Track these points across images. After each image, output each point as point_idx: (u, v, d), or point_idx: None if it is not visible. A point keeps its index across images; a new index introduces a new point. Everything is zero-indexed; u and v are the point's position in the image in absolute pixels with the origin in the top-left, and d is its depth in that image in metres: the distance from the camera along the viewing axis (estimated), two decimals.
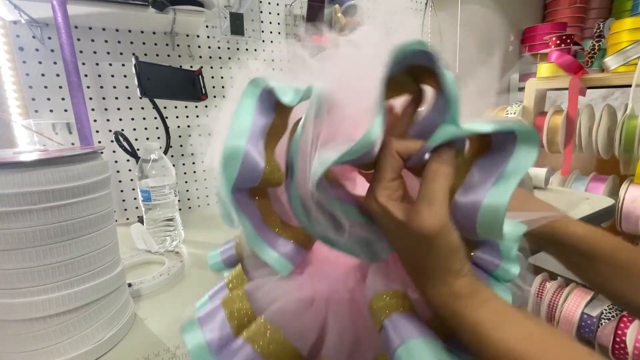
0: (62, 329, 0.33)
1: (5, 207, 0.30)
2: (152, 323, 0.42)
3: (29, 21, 0.65)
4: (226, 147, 0.23)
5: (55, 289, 0.33)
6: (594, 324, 1.16)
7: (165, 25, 0.76)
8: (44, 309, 0.32)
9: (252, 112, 0.25)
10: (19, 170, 0.30)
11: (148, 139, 0.83)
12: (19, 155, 0.34)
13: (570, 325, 1.20)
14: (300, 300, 0.27)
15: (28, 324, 0.32)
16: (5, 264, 0.31)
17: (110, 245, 0.38)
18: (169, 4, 0.67)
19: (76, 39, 0.71)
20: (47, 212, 0.31)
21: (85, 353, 0.35)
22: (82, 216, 0.34)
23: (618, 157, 1.07)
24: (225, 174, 0.24)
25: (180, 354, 0.36)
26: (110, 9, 0.63)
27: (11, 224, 0.30)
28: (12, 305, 0.32)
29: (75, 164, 0.33)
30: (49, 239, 0.32)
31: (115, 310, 0.38)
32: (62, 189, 0.32)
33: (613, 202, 0.84)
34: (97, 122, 0.76)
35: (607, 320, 1.15)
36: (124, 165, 0.80)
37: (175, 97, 0.79)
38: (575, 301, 1.21)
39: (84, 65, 0.73)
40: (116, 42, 0.76)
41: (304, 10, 0.96)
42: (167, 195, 0.63)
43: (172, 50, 0.82)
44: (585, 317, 1.18)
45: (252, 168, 0.24)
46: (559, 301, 1.25)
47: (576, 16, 1.55)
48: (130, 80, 0.79)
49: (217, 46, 0.88)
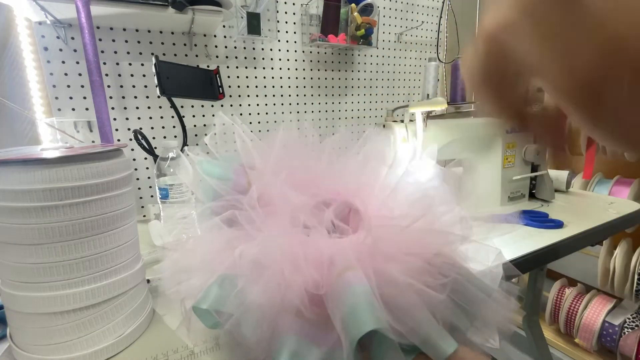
0: (85, 323, 0.34)
1: (32, 203, 0.31)
2: (170, 319, 0.42)
3: (53, 22, 0.67)
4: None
5: (79, 284, 0.33)
6: (616, 333, 1.11)
7: (183, 25, 0.77)
8: (67, 303, 0.33)
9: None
10: (46, 166, 0.31)
11: (165, 137, 0.84)
12: (46, 152, 0.34)
13: (591, 333, 1.16)
14: None
15: (52, 317, 0.33)
16: (32, 258, 0.32)
17: (132, 241, 0.38)
18: (188, 4, 0.67)
19: (98, 39, 0.73)
20: (72, 208, 0.32)
21: (106, 347, 0.35)
22: (106, 212, 0.34)
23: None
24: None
25: (199, 352, 0.36)
26: (132, 9, 0.64)
27: (38, 219, 0.31)
28: (37, 299, 0.32)
29: (100, 161, 0.34)
30: (74, 234, 0.32)
31: (136, 306, 0.38)
32: (87, 186, 0.32)
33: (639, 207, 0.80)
34: (117, 120, 0.78)
35: (630, 329, 1.10)
36: (141, 163, 0.82)
37: (193, 96, 0.80)
38: (597, 309, 1.17)
39: (105, 64, 0.75)
40: (136, 42, 0.77)
41: (320, 9, 0.95)
42: (185, 193, 0.63)
43: (190, 50, 0.83)
44: (606, 325, 1.14)
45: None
46: (579, 308, 1.21)
47: None
48: (148, 80, 0.80)
49: (234, 46, 0.89)
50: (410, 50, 1.19)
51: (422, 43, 1.21)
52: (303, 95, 1.02)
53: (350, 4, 0.94)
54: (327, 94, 1.06)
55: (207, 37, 0.85)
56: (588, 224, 0.67)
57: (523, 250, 0.56)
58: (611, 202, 0.83)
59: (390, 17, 1.12)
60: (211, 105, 0.88)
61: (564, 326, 1.25)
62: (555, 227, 0.66)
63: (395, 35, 1.15)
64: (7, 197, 0.31)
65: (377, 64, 1.13)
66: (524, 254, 0.56)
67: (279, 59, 0.96)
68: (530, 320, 1.03)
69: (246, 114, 0.94)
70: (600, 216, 0.72)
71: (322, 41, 0.94)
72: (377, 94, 1.16)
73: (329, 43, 0.94)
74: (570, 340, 1.29)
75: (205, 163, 0.39)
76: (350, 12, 0.94)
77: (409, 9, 1.16)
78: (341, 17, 0.95)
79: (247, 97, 0.94)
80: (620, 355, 1.12)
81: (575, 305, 1.23)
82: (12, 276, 0.33)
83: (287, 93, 0.99)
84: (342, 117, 1.10)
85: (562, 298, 1.27)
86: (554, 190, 0.84)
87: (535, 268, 0.97)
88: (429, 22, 1.21)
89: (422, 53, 1.22)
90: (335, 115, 1.09)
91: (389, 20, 1.12)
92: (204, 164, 0.39)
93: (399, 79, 1.19)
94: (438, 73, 1.08)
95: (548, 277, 1.42)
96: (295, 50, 0.98)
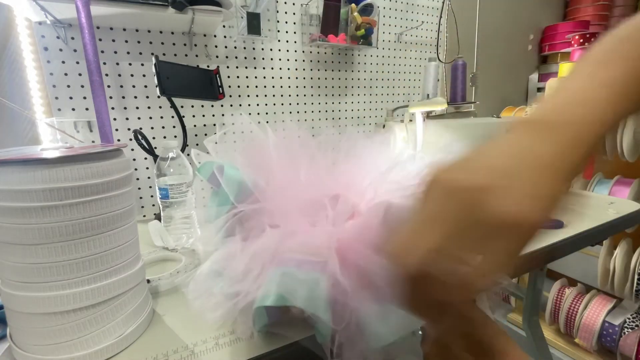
0: (85, 323, 0.34)
1: (32, 203, 0.31)
2: (170, 320, 0.42)
3: (53, 22, 0.67)
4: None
5: (79, 284, 0.33)
6: (616, 333, 1.11)
7: (183, 25, 0.77)
8: (67, 303, 0.33)
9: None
10: (46, 166, 0.31)
11: (165, 137, 0.84)
12: (46, 152, 0.34)
13: (591, 333, 1.16)
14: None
15: (52, 317, 0.33)
16: (32, 258, 0.32)
17: (132, 241, 0.38)
18: (188, 4, 0.67)
19: (98, 39, 0.73)
20: (72, 208, 0.32)
21: (106, 347, 0.35)
22: (106, 212, 0.34)
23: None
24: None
25: (199, 352, 0.36)
26: (132, 9, 0.64)
27: (38, 219, 0.31)
28: (37, 299, 0.32)
29: (100, 161, 0.34)
30: (74, 234, 0.32)
31: (136, 306, 0.38)
32: (87, 186, 0.32)
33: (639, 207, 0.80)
34: (117, 120, 0.78)
35: (630, 329, 1.11)
36: (141, 163, 0.82)
37: (193, 96, 0.80)
38: (597, 309, 1.17)
39: (105, 64, 0.75)
40: (136, 42, 0.77)
41: (320, 9, 0.95)
42: (185, 193, 0.63)
43: (190, 50, 0.83)
44: (606, 325, 1.14)
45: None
46: (579, 308, 1.21)
47: (600, 14, 1.50)
48: (148, 80, 0.80)
49: (234, 46, 0.89)
50: (410, 50, 1.19)
51: (422, 43, 1.21)
52: (303, 95, 1.02)
53: (350, 4, 0.94)
54: (327, 94, 1.06)
55: (207, 37, 0.85)
56: (588, 224, 0.67)
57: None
58: (611, 202, 0.83)
59: (390, 17, 1.12)
60: (211, 105, 0.88)
61: (564, 326, 1.26)
62: (555, 227, 0.66)
63: (395, 35, 1.15)
64: (7, 197, 0.31)
65: (377, 64, 1.13)
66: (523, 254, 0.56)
67: (279, 59, 0.96)
68: (530, 320, 1.03)
69: (246, 114, 0.94)
70: (600, 216, 0.72)
71: (322, 41, 0.94)
72: (377, 94, 1.16)
73: (329, 43, 0.94)
74: (570, 340, 1.29)
75: (228, 167, 0.41)
76: (350, 12, 0.94)
77: (409, 9, 1.16)
78: (341, 17, 0.95)
79: (247, 97, 0.94)
80: (620, 355, 1.13)
81: (575, 305, 1.23)
82: (12, 276, 0.33)
83: (287, 93, 0.99)
84: (342, 117, 1.11)
85: (562, 298, 1.27)
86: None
87: (535, 268, 0.97)
88: (429, 22, 1.21)
89: (422, 53, 1.22)
90: (335, 115, 1.09)
91: (389, 20, 1.12)
92: (228, 169, 0.41)
93: (399, 79, 1.19)
94: (438, 73, 1.08)
95: (548, 277, 1.42)
96: (295, 50, 0.98)
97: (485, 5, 1.33)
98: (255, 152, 0.46)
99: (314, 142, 0.47)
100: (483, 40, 1.36)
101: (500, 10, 1.44)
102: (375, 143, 0.48)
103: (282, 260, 0.35)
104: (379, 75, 1.15)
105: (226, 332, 0.39)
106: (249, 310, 0.34)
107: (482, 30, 1.34)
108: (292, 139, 0.47)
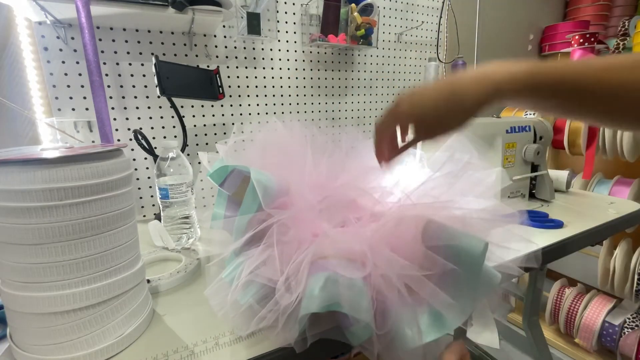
0: (85, 323, 0.34)
1: (32, 203, 0.31)
2: (170, 319, 0.42)
3: (53, 22, 0.67)
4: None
5: (79, 284, 0.33)
6: (616, 333, 1.11)
7: (183, 25, 0.77)
8: (67, 303, 0.33)
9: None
10: (46, 166, 0.31)
11: (165, 137, 0.84)
12: (46, 152, 0.34)
13: (591, 333, 1.16)
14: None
15: (52, 317, 0.33)
16: (32, 258, 0.32)
17: (132, 241, 0.38)
18: (188, 4, 0.67)
19: (98, 39, 0.73)
20: (72, 208, 0.32)
21: (107, 347, 0.35)
22: (106, 212, 0.34)
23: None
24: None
25: (199, 351, 0.36)
26: (132, 9, 0.64)
27: (37, 219, 0.31)
28: (37, 299, 0.32)
29: (100, 161, 0.34)
30: (74, 234, 0.32)
31: (136, 306, 0.38)
32: (87, 186, 0.32)
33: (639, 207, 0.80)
34: (117, 120, 0.78)
35: (630, 329, 1.11)
36: (141, 163, 0.82)
37: (193, 96, 0.80)
38: (597, 309, 1.17)
39: (104, 64, 0.75)
40: (136, 42, 0.77)
41: (320, 9, 0.95)
42: (185, 193, 0.63)
43: (190, 50, 0.83)
44: (606, 325, 1.14)
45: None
46: (579, 308, 1.21)
47: (599, 14, 1.50)
48: (148, 80, 0.80)
49: (234, 46, 0.89)
50: (410, 50, 1.19)
51: (422, 43, 1.21)
52: (303, 95, 1.02)
53: (350, 4, 0.94)
54: (327, 94, 1.06)
55: (207, 37, 0.85)
56: (588, 224, 0.67)
57: (523, 250, 0.56)
58: (611, 202, 0.83)
59: (390, 17, 1.12)
60: (211, 105, 0.88)
61: (564, 326, 1.26)
62: (555, 227, 0.66)
63: (395, 35, 1.15)
64: (7, 197, 0.31)
65: (377, 64, 1.13)
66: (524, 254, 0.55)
67: (279, 59, 0.96)
68: (530, 320, 1.03)
69: (246, 114, 0.94)
70: (600, 216, 0.72)
71: (322, 41, 0.94)
72: (377, 94, 1.16)
73: (329, 43, 0.94)
74: (570, 340, 1.29)
75: (255, 171, 0.40)
76: (350, 12, 0.94)
77: (409, 9, 1.16)
78: (341, 17, 0.95)
79: (247, 97, 0.94)
80: (620, 355, 1.13)
81: (575, 305, 1.23)
82: (12, 276, 0.33)
83: (287, 93, 0.99)
84: (342, 117, 1.10)
85: (562, 298, 1.27)
86: (554, 190, 0.84)
87: (535, 268, 0.97)
88: (429, 22, 1.21)
89: (422, 53, 1.22)
90: (335, 115, 1.09)
91: (389, 20, 1.12)
92: (255, 172, 0.40)
93: (399, 79, 1.19)
94: (438, 73, 1.08)
95: (548, 277, 1.42)
96: (295, 50, 0.98)
97: (485, 5, 1.33)
98: (276, 153, 0.46)
99: (326, 139, 0.48)
100: (483, 40, 1.36)
101: (500, 10, 1.44)
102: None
103: (320, 266, 0.35)
104: (379, 75, 1.15)
105: (226, 332, 0.39)
106: (293, 318, 0.33)
107: (482, 30, 1.34)
108: (304, 138, 0.47)
